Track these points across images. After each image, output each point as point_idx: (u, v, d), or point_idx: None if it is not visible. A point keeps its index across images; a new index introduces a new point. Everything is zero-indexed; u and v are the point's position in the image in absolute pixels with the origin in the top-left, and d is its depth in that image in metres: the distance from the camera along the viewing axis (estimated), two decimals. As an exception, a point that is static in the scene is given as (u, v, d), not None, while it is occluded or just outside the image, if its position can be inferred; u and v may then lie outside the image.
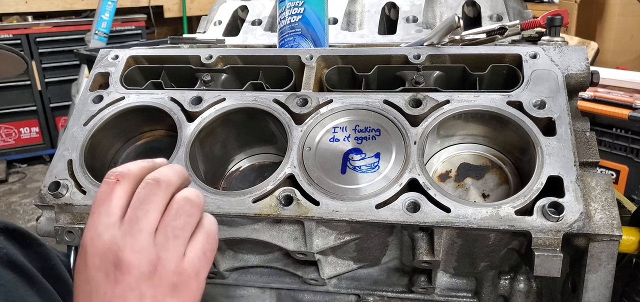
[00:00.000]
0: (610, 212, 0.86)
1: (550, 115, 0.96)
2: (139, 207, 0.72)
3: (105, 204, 0.72)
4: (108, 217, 0.72)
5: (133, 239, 0.70)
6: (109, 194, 0.73)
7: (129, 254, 0.69)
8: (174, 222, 0.73)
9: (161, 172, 0.76)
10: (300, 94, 1.08)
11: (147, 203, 0.72)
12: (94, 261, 0.70)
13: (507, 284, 1.06)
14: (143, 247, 0.70)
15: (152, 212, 0.72)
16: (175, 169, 0.78)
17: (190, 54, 1.23)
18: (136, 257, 0.69)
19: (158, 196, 0.73)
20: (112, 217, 0.72)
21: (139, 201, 0.72)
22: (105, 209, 0.72)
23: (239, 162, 1.22)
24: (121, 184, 0.73)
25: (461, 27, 1.11)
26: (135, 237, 0.70)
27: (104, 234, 0.70)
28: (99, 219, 0.72)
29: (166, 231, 0.72)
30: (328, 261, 1.06)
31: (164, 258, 0.71)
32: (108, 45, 4.56)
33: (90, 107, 1.15)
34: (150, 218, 0.72)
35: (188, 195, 0.75)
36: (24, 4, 5.89)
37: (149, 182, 0.74)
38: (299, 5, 1.27)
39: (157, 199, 0.73)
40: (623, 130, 2.51)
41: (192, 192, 0.76)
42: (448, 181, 1.07)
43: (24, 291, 1.03)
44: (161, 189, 0.74)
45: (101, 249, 0.70)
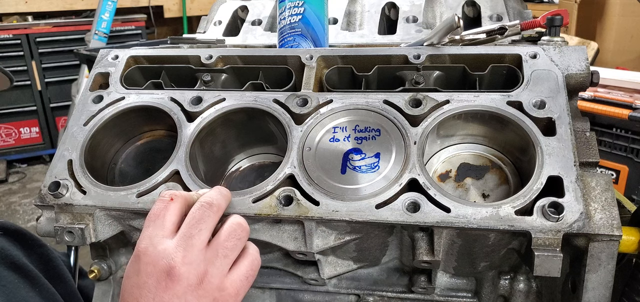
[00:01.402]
0: (610, 212, 0.86)
1: (550, 115, 0.96)
2: (194, 225, 0.80)
3: (159, 218, 0.81)
4: (162, 230, 0.80)
5: (186, 252, 0.78)
6: (164, 211, 0.82)
7: (181, 265, 0.77)
8: (226, 243, 0.81)
9: (213, 196, 0.85)
10: (300, 94, 1.08)
11: (201, 222, 0.81)
12: (147, 268, 0.78)
13: (507, 284, 1.06)
14: (194, 260, 0.78)
15: (204, 231, 0.80)
16: (223, 194, 0.88)
17: (190, 54, 1.23)
18: (186, 269, 0.77)
19: (211, 217, 0.82)
20: (166, 231, 0.80)
21: (195, 220, 0.81)
22: (160, 223, 0.81)
23: (239, 162, 1.22)
24: (175, 203, 0.83)
25: (461, 27, 1.11)
26: (188, 251, 0.78)
27: (159, 245, 0.78)
28: (154, 231, 0.80)
29: (217, 249, 0.80)
30: (328, 261, 1.06)
31: (210, 273, 0.79)
32: (108, 45, 4.56)
33: (90, 107, 1.15)
34: (203, 236, 0.80)
35: (240, 221, 0.84)
36: (24, 4, 5.89)
37: (203, 204, 0.83)
38: (299, 5, 1.27)
39: (210, 219, 0.82)
40: (623, 130, 2.52)
41: (242, 218, 0.85)
42: (448, 181, 1.07)
43: (26, 292, 1.03)
44: (213, 211, 0.83)
45: (155, 258, 0.78)
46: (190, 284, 0.77)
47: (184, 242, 0.79)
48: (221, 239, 0.81)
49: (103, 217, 1.03)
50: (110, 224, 1.05)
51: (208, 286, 0.78)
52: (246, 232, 0.84)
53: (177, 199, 0.83)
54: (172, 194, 0.84)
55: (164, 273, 0.76)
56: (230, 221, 0.84)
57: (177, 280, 0.76)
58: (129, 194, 1.01)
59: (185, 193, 0.86)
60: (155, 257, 0.78)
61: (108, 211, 1.02)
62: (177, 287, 0.76)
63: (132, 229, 1.06)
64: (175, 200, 0.83)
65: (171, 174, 1.02)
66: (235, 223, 0.84)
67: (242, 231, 0.83)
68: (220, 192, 0.87)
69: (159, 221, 0.81)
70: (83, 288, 1.29)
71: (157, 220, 0.81)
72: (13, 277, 1.03)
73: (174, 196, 0.83)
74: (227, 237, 0.81)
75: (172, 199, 0.83)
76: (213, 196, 0.85)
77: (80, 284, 1.28)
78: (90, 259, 1.15)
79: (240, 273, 0.82)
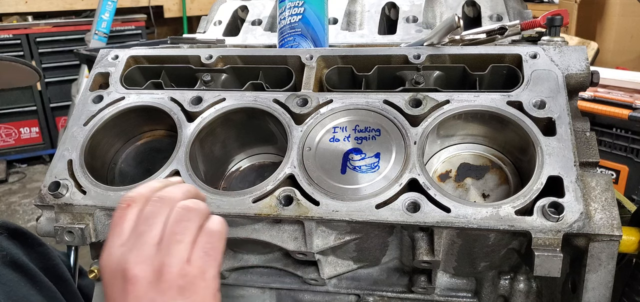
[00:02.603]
0: (610, 212, 0.86)
1: (550, 115, 0.96)
2: (144, 222, 0.78)
3: (117, 227, 0.79)
4: (119, 238, 0.78)
5: (137, 251, 0.75)
6: (121, 218, 0.79)
7: (133, 266, 0.74)
8: (174, 228, 0.77)
9: (166, 190, 0.82)
10: (300, 94, 1.08)
11: (151, 218, 0.78)
12: (109, 280, 0.76)
13: (507, 284, 1.06)
14: (147, 257, 0.75)
15: (155, 226, 0.77)
16: (181, 187, 0.84)
17: (190, 54, 1.23)
18: (140, 268, 0.74)
19: (163, 210, 0.79)
20: (123, 238, 0.78)
21: (144, 216, 0.78)
22: (117, 231, 0.79)
23: (239, 162, 1.22)
24: (132, 207, 0.80)
25: (461, 27, 1.11)
26: (140, 249, 0.75)
27: (114, 254, 0.77)
28: (111, 241, 0.78)
29: (169, 238, 0.77)
30: (328, 261, 1.06)
31: (167, 264, 0.75)
32: (108, 45, 4.56)
33: (90, 107, 1.15)
34: (154, 231, 0.77)
35: (186, 203, 0.80)
36: (24, 4, 5.89)
37: (153, 199, 0.80)
38: (299, 5, 1.27)
39: (163, 212, 0.79)
40: (623, 130, 2.52)
41: (191, 200, 0.81)
42: (448, 181, 1.07)
43: (26, 290, 1.03)
44: (165, 204, 0.79)
45: (112, 268, 0.76)
46: (149, 281, 0.74)
47: (135, 241, 0.76)
48: (169, 226, 0.78)
49: (103, 217, 1.03)
50: (110, 224, 1.04)
51: (168, 276, 0.75)
52: (195, 211, 0.80)
53: (134, 203, 0.80)
54: (130, 199, 0.81)
55: (121, 279, 0.75)
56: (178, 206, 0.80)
57: (135, 282, 0.74)
58: (129, 194, 1.00)
59: (145, 193, 0.82)
60: (112, 267, 0.76)
61: (108, 211, 1.02)
62: (137, 289, 0.74)
63: (132, 229, 1.06)
64: (132, 204, 0.80)
65: (171, 174, 1.02)
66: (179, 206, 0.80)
67: (190, 212, 0.79)
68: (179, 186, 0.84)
69: (117, 229, 0.79)
70: (83, 288, 1.29)
71: (115, 228, 0.79)
72: (13, 276, 1.03)
73: (131, 200, 0.80)
74: (174, 223, 0.78)
75: (128, 205, 0.80)
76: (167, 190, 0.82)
77: (80, 284, 1.28)
78: (90, 259, 1.15)
79: (198, 251, 0.78)
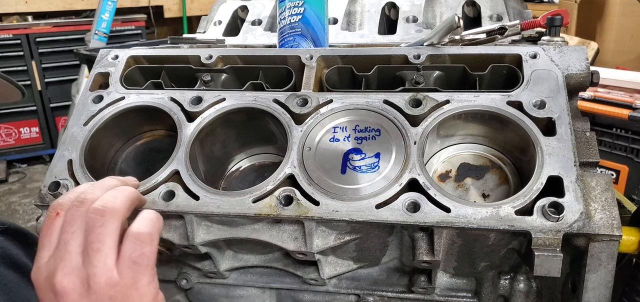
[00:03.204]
0: (610, 212, 0.86)
1: (550, 115, 0.96)
2: (66, 230, 0.72)
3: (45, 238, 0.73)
4: (47, 250, 0.72)
5: (64, 262, 0.70)
6: (49, 228, 0.73)
7: (61, 278, 0.69)
8: (90, 237, 0.71)
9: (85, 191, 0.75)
10: (300, 94, 1.08)
11: (71, 225, 0.72)
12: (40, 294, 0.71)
13: (507, 284, 1.06)
14: (74, 268, 0.70)
15: (77, 233, 0.71)
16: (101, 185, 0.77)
17: (190, 54, 1.23)
18: (69, 280, 0.69)
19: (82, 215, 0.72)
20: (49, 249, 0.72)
21: (66, 223, 0.72)
22: (45, 243, 0.73)
23: (239, 162, 1.22)
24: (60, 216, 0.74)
25: (461, 27, 1.11)
26: (66, 260, 0.70)
27: (43, 267, 0.71)
28: (39, 254, 0.73)
29: (87, 248, 0.71)
30: (328, 261, 1.06)
31: (92, 274, 0.70)
32: (108, 45, 4.56)
33: (90, 107, 1.15)
34: (78, 239, 0.71)
35: (96, 205, 0.73)
36: (24, 4, 5.89)
37: (74, 203, 0.73)
38: (299, 5, 1.27)
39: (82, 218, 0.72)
40: (623, 130, 2.52)
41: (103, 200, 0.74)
42: (448, 181, 1.07)
43: (27, 291, 1.03)
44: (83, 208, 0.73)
45: (42, 282, 0.71)
46: (79, 293, 0.69)
47: (60, 252, 0.71)
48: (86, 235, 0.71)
49: (103, 217, 1.03)
50: None
51: (97, 287, 0.69)
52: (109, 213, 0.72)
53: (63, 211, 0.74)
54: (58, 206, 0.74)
55: (51, 293, 0.70)
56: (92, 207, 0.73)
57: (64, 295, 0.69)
58: (129, 194, 1.00)
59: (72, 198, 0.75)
60: (41, 281, 0.71)
61: (108, 211, 1.02)
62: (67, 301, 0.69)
63: (132, 229, 1.06)
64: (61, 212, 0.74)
65: (171, 174, 1.02)
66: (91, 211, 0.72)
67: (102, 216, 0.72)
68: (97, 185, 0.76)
69: (45, 240, 0.73)
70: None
71: (43, 240, 0.73)
72: (14, 276, 1.03)
73: (59, 207, 0.74)
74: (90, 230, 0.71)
75: (57, 214, 0.73)
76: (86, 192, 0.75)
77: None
78: (90, 259, 1.14)
79: (125, 260, 0.72)
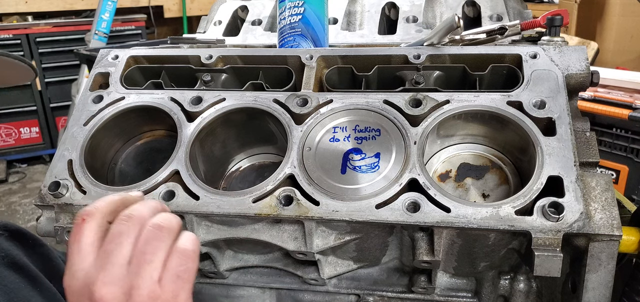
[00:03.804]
0: (610, 212, 0.86)
1: (550, 115, 0.96)
2: (112, 240, 0.74)
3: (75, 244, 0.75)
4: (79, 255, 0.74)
5: (105, 272, 0.72)
6: (78, 234, 0.75)
7: (101, 287, 0.71)
8: (144, 248, 0.74)
9: (134, 208, 0.78)
10: (300, 94, 1.08)
11: (119, 237, 0.74)
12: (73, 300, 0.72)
13: (507, 284, 1.06)
14: (115, 278, 0.72)
15: (125, 245, 0.74)
16: (148, 205, 0.80)
17: (190, 54, 1.23)
18: (108, 289, 0.71)
19: (132, 229, 0.75)
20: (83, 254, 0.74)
21: (113, 235, 0.74)
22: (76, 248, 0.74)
23: (239, 162, 1.22)
24: (88, 222, 0.76)
25: (461, 27, 1.11)
26: (108, 270, 0.72)
27: (78, 273, 0.73)
28: (71, 260, 0.74)
29: (138, 258, 0.73)
30: (328, 261, 1.06)
31: (137, 285, 0.72)
32: (108, 45, 4.55)
33: (90, 107, 1.15)
34: (124, 250, 0.73)
35: (157, 221, 0.77)
36: (24, 4, 5.89)
37: (122, 218, 0.76)
38: (299, 5, 1.27)
39: (132, 232, 0.75)
40: (623, 130, 2.51)
41: (162, 217, 0.78)
42: (448, 181, 1.07)
43: (27, 292, 1.03)
44: (134, 223, 0.76)
45: (77, 289, 0.72)
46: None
47: (102, 261, 0.73)
48: (139, 247, 0.74)
49: (103, 217, 1.03)
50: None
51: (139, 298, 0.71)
52: (167, 230, 0.77)
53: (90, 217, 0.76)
54: (85, 213, 0.77)
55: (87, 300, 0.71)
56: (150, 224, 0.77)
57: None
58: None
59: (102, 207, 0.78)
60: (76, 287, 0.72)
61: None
62: None
63: (132, 229, 1.06)
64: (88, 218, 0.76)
65: (171, 174, 1.02)
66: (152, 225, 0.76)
67: (161, 231, 0.76)
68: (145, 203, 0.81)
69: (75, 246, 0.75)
70: (83, 288, 1.29)
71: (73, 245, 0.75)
72: (14, 277, 1.03)
73: (87, 215, 0.76)
74: (144, 243, 0.75)
75: (83, 220, 0.76)
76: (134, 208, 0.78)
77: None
78: (90, 259, 1.14)
79: (169, 273, 0.75)
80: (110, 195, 0.82)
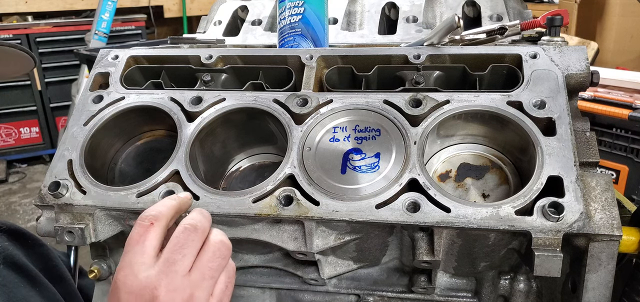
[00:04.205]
0: (610, 212, 0.86)
1: (550, 115, 0.96)
2: (178, 250, 0.78)
3: (139, 244, 0.78)
4: (143, 257, 0.77)
5: (169, 279, 0.75)
6: (144, 236, 0.79)
7: (165, 293, 0.74)
8: (210, 264, 0.79)
9: (197, 219, 0.83)
10: (300, 94, 1.08)
11: (185, 247, 0.78)
12: (129, 298, 0.75)
13: (507, 284, 1.06)
14: (178, 286, 0.75)
15: (188, 257, 0.78)
16: (205, 215, 0.85)
17: (190, 54, 1.23)
18: (171, 296, 0.75)
19: (195, 242, 0.80)
20: (146, 257, 0.77)
21: (178, 245, 0.78)
22: (140, 249, 0.78)
23: (239, 162, 1.22)
24: (155, 227, 0.80)
25: (461, 27, 1.11)
26: (171, 278, 0.75)
27: (140, 273, 0.76)
28: (134, 258, 0.77)
29: (203, 271, 0.78)
30: (328, 261, 1.06)
31: (196, 296, 0.77)
32: (108, 45, 4.56)
33: (90, 107, 1.15)
34: (187, 261, 0.78)
35: (222, 239, 0.83)
36: (24, 4, 5.89)
37: (187, 227, 0.80)
38: (299, 5, 1.27)
39: (194, 244, 0.80)
40: (623, 130, 2.51)
41: (223, 235, 0.84)
42: (448, 181, 1.07)
43: (26, 291, 1.03)
44: (198, 235, 0.80)
45: (137, 288, 0.75)
46: None
47: (167, 268, 0.76)
48: (206, 260, 0.79)
49: (103, 217, 1.03)
50: (110, 224, 1.05)
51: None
52: (229, 249, 0.83)
53: (157, 223, 0.80)
54: (152, 218, 0.80)
55: None
56: (213, 241, 0.81)
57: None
58: (129, 194, 1.01)
59: (165, 212, 0.82)
60: (136, 286, 0.75)
61: (108, 211, 1.02)
62: None
63: (132, 229, 1.06)
64: (155, 224, 0.80)
65: (171, 174, 1.02)
66: (218, 242, 0.82)
67: (226, 249, 0.82)
68: (203, 214, 0.85)
69: (139, 246, 0.78)
70: (83, 288, 1.29)
71: (137, 246, 0.78)
72: (13, 277, 1.03)
73: (154, 219, 0.80)
74: (211, 257, 0.80)
75: (152, 224, 0.79)
76: (197, 219, 0.82)
77: (80, 284, 1.28)
78: (90, 259, 1.15)
79: (220, 287, 0.81)
80: (168, 199, 0.87)
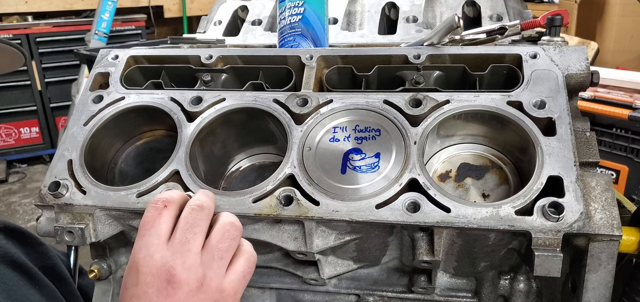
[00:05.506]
0: (610, 212, 0.86)
1: (550, 115, 0.96)
2: (189, 229, 0.81)
3: (154, 226, 0.81)
4: (158, 238, 0.80)
5: (183, 258, 0.78)
6: (158, 218, 0.82)
7: (181, 271, 0.77)
8: (220, 244, 0.81)
9: (202, 199, 0.85)
10: (300, 94, 1.08)
11: (194, 226, 0.81)
12: (146, 278, 0.78)
13: (507, 284, 1.06)
14: (192, 265, 0.78)
15: (199, 235, 0.81)
16: (209, 195, 0.87)
17: (190, 54, 1.23)
18: (186, 275, 0.78)
19: (203, 220, 0.83)
20: (161, 238, 0.80)
21: (188, 224, 0.81)
22: (155, 231, 0.80)
23: (239, 162, 1.22)
24: (168, 209, 0.83)
25: (461, 27, 1.11)
26: (186, 256, 0.79)
27: (156, 253, 0.78)
28: (150, 240, 0.80)
29: (212, 252, 0.81)
30: (328, 261, 1.06)
31: (209, 276, 0.79)
32: (108, 45, 4.56)
33: (90, 107, 1.15)
34: (198, 240, 0.81)
35: (232, 220, 0.85)
36: (24, 4, 5.89)
37: (193, 207, 0.83)
38: (299, 5, 1.27)
39: (203, 222, 0.82)
40: (623, 130, 2.51)
41: (233, 217, 0.85)
42: (448, 181, 1.07)
43: (26, 290, 1.04)
44: (204, 214, 0.83)
45: (154, 268, 0.78)
46: (191, 289, 0.77)
47: (181, 247, 0.79)
48: (215, 241, 0.81)
49: (103, 217, 1.03)
50: (110, 224, 1.05)
51: (208, 289, 0.78)
52: (239, 230, 0.84)
53: (170, 205, 0.83)
54: (165, 200, 0.83)
55: (165, 281, 0.77)
56: (222, 221, 0.84)
57: (178, 286, 0.77)
58: (129, 194, 1.01)
59: (176, 198, 0.85)
60: (153, 266, 0.78)
61: (108, 211, 1.02)
62: (178, 293, 0.76)
63: (132, 229, 1.06)
64: (168, 206, 0.83)
65: (171, 174, 1.02)
66: (227, 223, 0.83)
67: (235, 230, 0.84)
68: (207, 194, 0.87)
69: (154, 229, 0.81)
70: (83, 287, 1.29)
71: (152, 228, 0.81)
72: (13, 275, 1.03)
73: (167, 202, 0.83)
74: (220, 238, 0.82)
75: (165, 206, 0.82)
76: (202, 199, 0.85)
77: (80, 284, 1.28)
78: (90, 259, 1.15)
79: (237, 272, 0.83)
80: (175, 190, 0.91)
